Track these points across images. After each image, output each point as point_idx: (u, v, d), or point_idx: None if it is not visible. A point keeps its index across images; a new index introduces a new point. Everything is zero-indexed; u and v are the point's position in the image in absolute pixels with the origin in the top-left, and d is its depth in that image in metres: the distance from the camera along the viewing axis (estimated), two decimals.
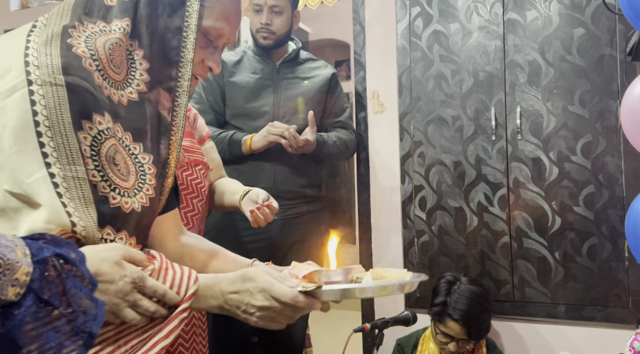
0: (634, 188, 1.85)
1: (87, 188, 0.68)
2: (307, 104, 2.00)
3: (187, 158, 1.23)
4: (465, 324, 1.68)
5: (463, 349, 1.74)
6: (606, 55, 1.91)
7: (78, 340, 0.52)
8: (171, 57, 0.78)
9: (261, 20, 1.96)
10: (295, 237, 1.96)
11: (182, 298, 0.70)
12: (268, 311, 0.72)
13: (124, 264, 0.64)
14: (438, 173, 2.14)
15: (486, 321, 1.75)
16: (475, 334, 1.71)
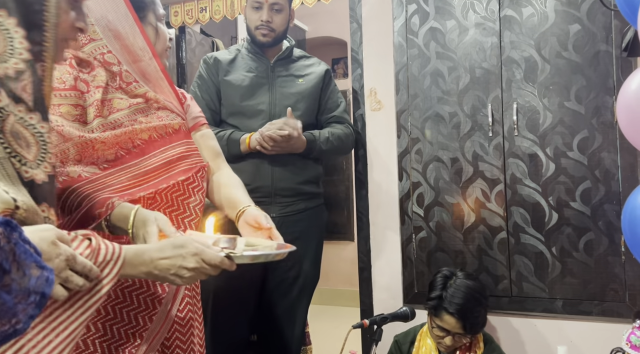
0: (630, 183, 1.86)
1: (9, 166, 0.73)
2: (302, 101, 2.01)
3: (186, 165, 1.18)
4: (460, 318, 1.69)
5: (459, 343, 1.75)
6: (602, 51, 1.92)
7: (31, 302, 0.58)
8: (36, 21, 0.78)
9: (262, 18, 1.96)
10: (294, 235, 1.96)
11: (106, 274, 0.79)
12: (197, 271, 0.89)
13: (58, 243, 0.70)
14: (435, 170, 2.15)
15: (482, 315, 1.76)
16: (471, 328, 1.72)
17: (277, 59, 2.03)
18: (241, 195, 1.26)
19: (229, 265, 0.91)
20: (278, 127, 1.86)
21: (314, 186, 2.04)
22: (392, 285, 2.25)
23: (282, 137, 1.84)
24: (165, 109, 1.19)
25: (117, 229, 1.00)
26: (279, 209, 1.95)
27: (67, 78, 1.09)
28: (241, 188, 1.30)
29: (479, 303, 1.75)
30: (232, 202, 1.24)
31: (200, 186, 1.19)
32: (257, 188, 1.92)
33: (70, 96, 1.08)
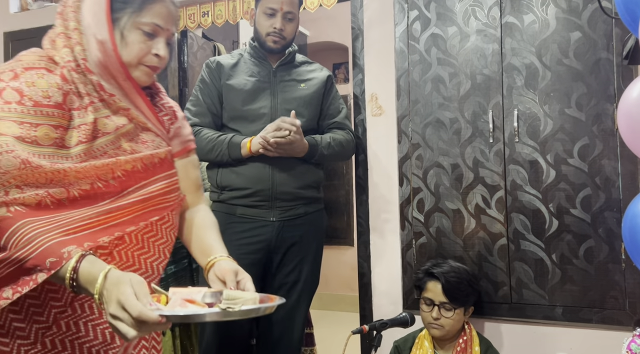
0: (630, 191, 1.86)
1: None
2: (304, 106, 2.01)
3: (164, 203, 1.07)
4: (445, 282, 1.80)
5: (448, 321, 1.80)
6: (603, 59, 1.92)
7: None
8: None
9: (275, 25, 1.96)
10: (294, 239, 1.97)
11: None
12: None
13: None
14: (436, 175, 2.15)
15: (467, 289, 1.84)
16: (454, 297, 1.80)
17: (279, 64, 2.04)
18: (214, 241, 1.15)
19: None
20: (274, 129, 1.86)
21: (314, 190, 2.04)
22: (391, 291, 2.24)
23: (283, 140, 1.84)
24: (150, 131, 1.10)
25: (82, 290, 0.87)
26: (279, 214, 1.95)
27: (54, 93, 0.97)
28: (215, 231, 1.19)
29: (465, 278, 1.85)
30: (204, 248, 1.14)
31: (173, 224, 1.10)
32: (257, 192, 1.92)
33: (53, 115, 0.96)
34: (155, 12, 1.06)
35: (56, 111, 0.97)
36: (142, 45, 1.05)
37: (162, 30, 1.07)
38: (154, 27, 1.06)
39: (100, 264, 0.87)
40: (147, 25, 1.05)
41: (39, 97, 0.95)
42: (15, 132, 0.91)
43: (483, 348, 1.83)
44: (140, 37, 1.05)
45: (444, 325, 1.81)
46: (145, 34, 1.05)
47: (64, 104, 0.99)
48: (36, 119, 0.94)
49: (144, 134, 1.09)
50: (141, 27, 1.04)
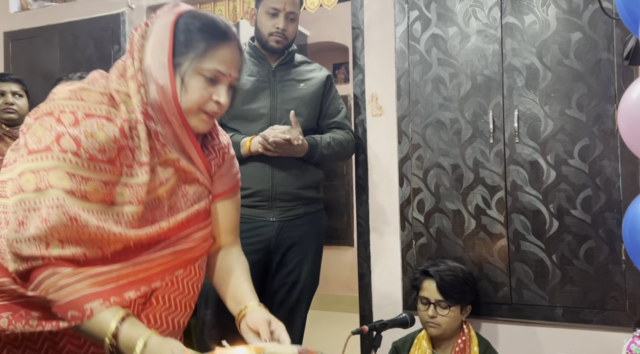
0: (630, 191, 1.86)
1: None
2: (303, 106, 2.01)
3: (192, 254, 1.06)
4: (439, 280, 1.81)
5: (444, 319, 1.80)
6: (603, 60, 1.92)
7: None
8: None
9: (277, 25, 1.97)
10: (294, 239, 1.97)
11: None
12: None
13: None
14: (436, 176, 2.15)
15: (462, 287, 1.85)
16: (449, 295, 1.80)
17: (279, 64, 2.04)
18: (245, 288, 1.12)
19: None
20: (281, 132, 1.87)
21: (314, 191, 2.04)
22: (391, 291, 2.24)
23: (285, 141, 1.85)
24: (193, 182, 1.07)
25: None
26: (278, 214, 1.95)
27: (111, 148, 0.94)
28: (246, 277, 1.16)
29: (461, 277, 1.86)
30: (235, 296, 1.11)
31: (199, 277, 1.08)
32: (257, 192, 1.92)
33: (105, 171, 0.93)
34: (218, 58, 1.00)
35: (108, 167, 0.94)
36: (202, 92, 1.00)
37: (224, 76, 1.02)
38: (216, 73, 1.01)
39: (139, 329, 0.89)
40: (209, 71, 1.00)
41: (95, 151, 0.92)
42: (66, 186, 0.89)
43: (482, 348, 1.82)
44: (201, 83, 1.00)
45: (440, 323, 1.81)
46: (207, 80, 1.00)
47: (117, 159, 0.95)
48: (88, 173, 0.91)
49: (186, 186, 1.06)
50: (203, 72, 1.00)
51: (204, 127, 1.05)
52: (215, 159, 1.12)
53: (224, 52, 1.01)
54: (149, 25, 1.03)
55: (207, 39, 1.00)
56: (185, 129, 1.02)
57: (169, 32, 0.99)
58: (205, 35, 1.00)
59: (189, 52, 0.99)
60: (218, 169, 1.13)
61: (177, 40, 0.99)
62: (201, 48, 0.99)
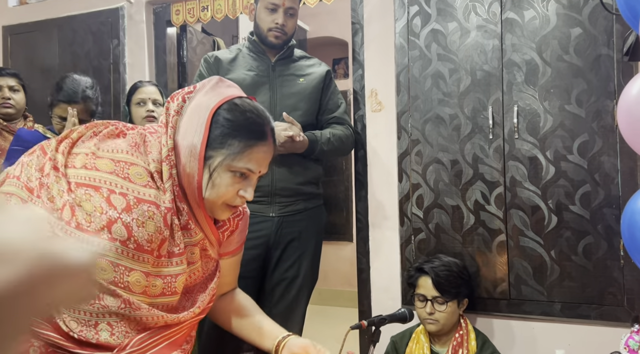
0: (629, 187, 1.86)
1: None
2: (303, 101, 2.01)
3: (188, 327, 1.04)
4: (434, 276, 1.82)
5: (442, 315, 1.81)
6: (603, 55, 1.92)
7: None
8: None
9: (277, 20, 1.97)
10: (293, 235, 1.97)
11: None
12: None
13: None
14: (435, 171, 2.15)
15: (456, 279, 1.86)
16: (445, 290, 1.81)
17: (278, 59, 2.03)
18: (271, 323, 1.14)
19: None
20: (282, 129, 1.87)
21: (313, 186, 2.04)
22: (390, 286, 2.25)
23: (287, 138, 1.85)
24: (210, 260, 1.07)
25: None
26: (278, 209, 1.95)
27: (157, 238, 0.92)
28: (263, 313, 1.18)
29: (455, 271, 1.87)
30: (264, 332, 1.12)
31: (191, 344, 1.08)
32: (256, 187, 1.90)
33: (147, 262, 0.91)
34: (252, 158, 0.97)
35: (151, 258, 0.91)
36: (229, 188, 0.97)
37: (254, 173, 1.00)
38: (246, 172, 0.98)
39: None
40: (241, 169, 0.97)
41: (143, 241, 0.90)
42: (109, 277, 0.87)
43: (479, 342, 1.83)
44: (230, 179, 0.97)
45: (438, 319, 1.81)
46: (236, 176, 0.97)
47: (158, 250, 0.93)
48: (133, 263, 0.89)
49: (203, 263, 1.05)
50: (233, 170, 0.96)
51: (224, 217, 1.04)
52: (229, 228, 1.11)
53: (258, 151, 0.98)
54: (187, 101, 0.98)
55: (243, 139, 0.96)
56: (204, 215, 1.00)
57: (206, 122, 0.95)
58: (242, 133, 0.96)
59: (223, 149, 0.95)
60: (230, 235, 1.13)
61: (212, 132, 0.95)
62: (236, 147, 0.95)
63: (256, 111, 1.00)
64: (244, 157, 0.96)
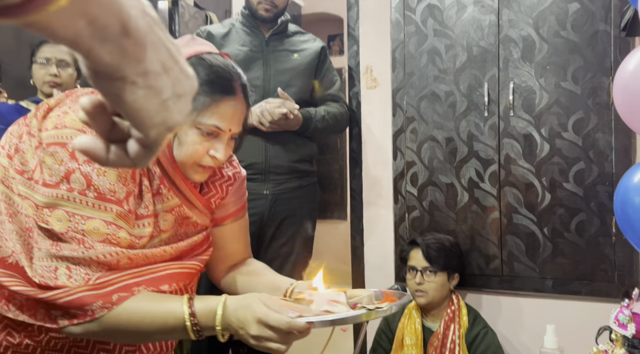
0: (623, 164, 1.86)
1: None
2: (297, 77, 1.98)
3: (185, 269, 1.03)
4: (425, 247, 1.85)
5: (431, 286, 1.83)
6: (600, 31, 1.90)
7: None
8: None
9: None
10: (287, 212, 1.97)
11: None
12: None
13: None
14: (430, 149, 2.14)
15: (447, 251, 1.88)
16: (434, 258, 1.84)
17: (272, 34, 2.00)
18: (282, 278, 1.12)
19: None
20: (276, 106, 1.85)
21: (307, 164, 2.03)
22: (384, 264, 2.26)
23: (282, 115, 1.83)
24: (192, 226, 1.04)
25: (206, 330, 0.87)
26: (272, 187, 1.94)
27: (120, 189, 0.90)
28: (275, 272, 1.16)
29: (446, 245, 1.89)
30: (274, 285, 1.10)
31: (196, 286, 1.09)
32: (250, 165, 1.91)
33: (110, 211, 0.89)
34: (219, 114, 0.93)
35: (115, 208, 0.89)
36: (197, 147, 0.94)
37: (223, 131, 0.95)
38: (214, 129, 0.94)
39: (210, 299, 0.87)
40: (207, 126, 0.93)
41: (105, 189, 0.87)
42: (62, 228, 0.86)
43: (471, 318, 1.85)
44: (197, 137, 0.93)
45: (427, 290, 1.83)
46: (204, 134, 0.94)
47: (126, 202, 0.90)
48: (92, 212, 0.87)
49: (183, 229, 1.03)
50: (199, 127, 0.93)
51: (199, 179, 1.00)
52: (218, 194, 1.08)
53: (226, 107, 0.94)
54: None
55: (209, 93, 0.92)
56: (182, 179, 0.98)
57: None
58: (207, 88, 0.92)
59: None
60: (221, 201, 1.10)
61: None
62: (201, 102, 0.92)
63: (224, 66, 0.96)
64: (209, 112, 0.92)
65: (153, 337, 0.91)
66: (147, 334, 0.88)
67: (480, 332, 1.82)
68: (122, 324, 0.86)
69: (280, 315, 0.81)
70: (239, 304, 0.85)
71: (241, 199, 1.16)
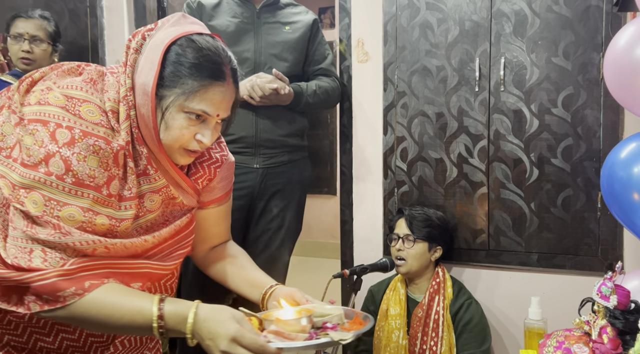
0: (610, 141, 1.88)
1: None
2: (289, 51, 1.96)
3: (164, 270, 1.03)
4: (408, 214, 1.91)
5: (410, 253, 1.86)
6: (592, 6, 1.89)
7: None
8: None
9: None
10: (277, 187, 1.97)
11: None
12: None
13: None
14: (420, 124, 2.14)
15: (431, 222, 1.92)
16: (415, 226, 1.89)
17: (263, 5, 1.96)
18: (261, 273, 1.14)
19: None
20: (267, 81, 1.83)
21: (298, 138, 2.03)
22: (372, 237, 2.28)
23: (272, 90, 1.82)
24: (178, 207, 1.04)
25: (171, 332, 0.87)
26: (262, 161, 1.94)
27: (101, 174, 0.89)
28: (253, 264, 1.18)
29: (431, 216, 1.93)
30: (253, 282, 1.12)
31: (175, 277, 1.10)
32: (240, 138, 1.90)
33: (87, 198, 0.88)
34: (208, 99, 0.92)
35: (93, 193, 0.88)
36: (184, 131, 0.93)
37: (211, 116, 0.95)
38: (201, 114, 0.93)
39: (182, 303, 0.88)
40: (194, 111, 0.92)
41: (83, 176, 0.86)
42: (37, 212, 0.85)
43: (455, 290, 1.89)
44: (184, 121, 0.93)
45: (406, 258, 1.86)
46: (191, 118, 0.93)
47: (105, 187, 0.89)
48: (67, 198, 0.86)
49: (169, 211, 1.03)
50: (187, 111, 0.92)
51: (185, 162, 1.00)
52: (206, 176, 1.08)
53: (214, 92, 0.93)
54: (146, 39, 0.94)
55: (197, 78, 0.91)
56: (167, 161, 0.97)
57: (159, 59, 0.90)
58: (196, 72, 0.91)
59: (175, 87, 0.91)
60: (209, 183, 1.10)
61: (166, 69, 0.91)
62: (189, 86, 0.91)
63: (214, 49, 0.94)
64: (197, 97, 0.91)
65: (120, 331, 0.92)
66: (114, 327, 0.88)
67: (465, 303, 1.86)
68: (91, 315, 0.86)
69: (255, 336, 0.84)
70: (211, 316, 0.85)
71: (228, 184, 1.16)
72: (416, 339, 1.83)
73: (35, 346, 0.97)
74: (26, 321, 0.94)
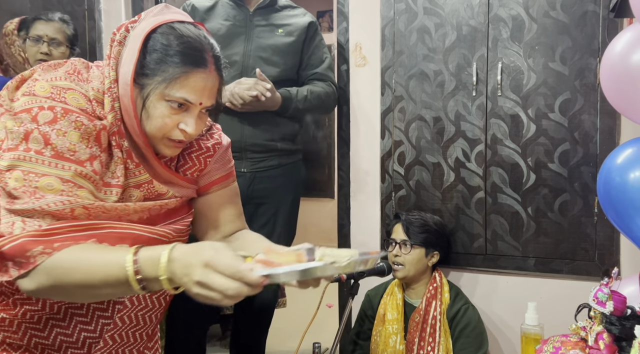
0: (607, 146, 1.88)
1: None
2: (279, 55, 1.94)
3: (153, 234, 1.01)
4: (405, 221, 1.89)
5: (407, 258, 1.85)
6: (589, 12, 1.90)
7: None
8: None
9: None
10: (267, 191, 1.95)
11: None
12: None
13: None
14: (418, 129, 2.15)
15: (428, 227, 1.90)
16: (412, 232, 1.87)
17: (257, 8, 1.95)
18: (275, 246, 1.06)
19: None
20: (246, 88, 1.81)
21: (288, 142, 2.00)
22: (370, 242, 2.28)
23: (251, 98, 1.80)
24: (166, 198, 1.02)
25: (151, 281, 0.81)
26: (250, 165, 1.92)
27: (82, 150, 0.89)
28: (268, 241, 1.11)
29: (429, 222, 1.92)
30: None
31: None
32: None
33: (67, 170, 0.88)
34: (189, 87, 0.91)
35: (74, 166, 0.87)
36: (166, 120, 0.92)
37: (193, 105, 0.93)
38: (183, 102, 0.92)
39: (158, 247, 0.81)
40: (176, 99, 0.91)
41: (63, 149, 0.86)
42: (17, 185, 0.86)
43: (452, 294, 1.88)
44: (166, 110, 0.92)
45: (403, 263, 1.85)
46: (173, 107, 0.92)
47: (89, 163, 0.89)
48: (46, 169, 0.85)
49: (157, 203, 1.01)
50: (168, 99, 0.91)
51: (170, 153, 0.99)
52: (196, 167, 1.07)
53: (196, 79, 0.91)
54: (130, 31, 0.94)
55: (178, 64, 0.90)
56: (152, 154, 0.97)
57: (138, 48, 0.90)
58: (177, 59, 0.90)
59: (156, 75, 0.90)
60: (199, 173, 1.08)
61: (146, 57, 0.90)
62: (169, 73, 0.90)
63: (195, 36, 0.94)
64: (178, 84, 0.90)
65: (99, 291, 0.85)
66: (92, 286, 0.83)
67: (462, 308, 1.85)
68: (67, 275, 0.82)
69: (231, 261, 0.75)
70: (188, 251, 0.79)
71: (225, 166, 1.13)
72: (413, 344, 1.83)
73: (30, 342, 0.97)
74: (20, 317, 0.94)
